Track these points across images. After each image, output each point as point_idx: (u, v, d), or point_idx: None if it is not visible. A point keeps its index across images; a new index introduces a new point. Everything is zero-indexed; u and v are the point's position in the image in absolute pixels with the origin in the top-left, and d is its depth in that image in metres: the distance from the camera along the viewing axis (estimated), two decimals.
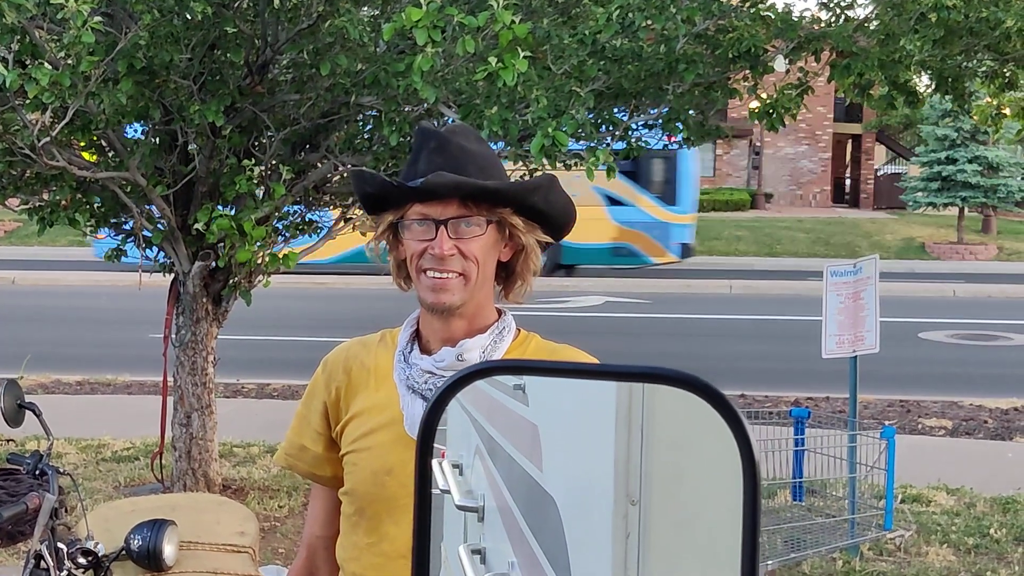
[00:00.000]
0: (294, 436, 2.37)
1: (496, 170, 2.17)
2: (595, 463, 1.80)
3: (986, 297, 22.54)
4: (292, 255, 6.51)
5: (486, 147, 2.23)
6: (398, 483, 2.13)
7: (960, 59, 7.37)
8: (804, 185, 40.74)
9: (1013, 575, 6.32)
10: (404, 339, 2.25)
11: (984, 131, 29.39)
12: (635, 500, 1.66)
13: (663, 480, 1.64)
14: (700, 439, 1.36)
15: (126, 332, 15.41)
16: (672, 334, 16.82)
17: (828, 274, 6.85)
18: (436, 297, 2.13)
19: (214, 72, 6.26)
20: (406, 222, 2.13)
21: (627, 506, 1.66)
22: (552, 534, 2.09)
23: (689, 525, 1.43)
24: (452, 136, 2.15)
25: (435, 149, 2.13)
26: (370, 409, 2.24)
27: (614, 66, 6.13)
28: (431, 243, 2.10)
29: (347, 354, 2.32)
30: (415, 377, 2.17)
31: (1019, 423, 10.51)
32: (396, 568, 2.15)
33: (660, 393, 1.58)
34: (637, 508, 1.66)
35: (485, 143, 2.26)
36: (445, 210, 2.09)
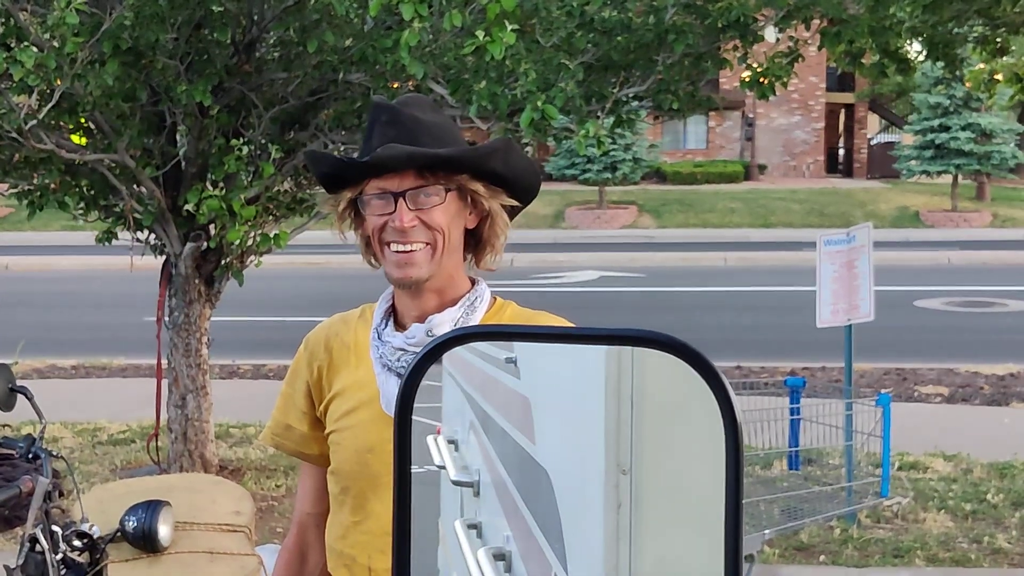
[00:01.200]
0: (280, 415, 2.36)
1: (452, 138, 2.14)
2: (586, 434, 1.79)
3: (981, 264, 22.55)
4: (283, 234, 6.48)
5: (442, 116, 2.21)
6: (380, 461, 2.12)
7: (951, 25, 7.34)
8: (797, 156, 40.67)
9: (1011, 539, 6.33)
10: (379, 316, 2.23)
11: (977, 98, 29.36)
12: (626, 470, 1.64)
13: (654, 449, 1.62)
14: (690, 406, 1.35)
15: (120, 315, 15.39)
16: (668, 307, 16.82)
17: (821, 243, 6.83)
18: (403, 272, 2.11)
19: (201, 52, 6.22)
20: (365, 198, 2.10)
21: (618, 476, 1.65)
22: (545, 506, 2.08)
23: (680, 493, 1.42)
24: (404, 107, 2.13)
25: (387, 122, 2.11)
26: (351, 387, 2.23)
27: (603, 38, 6.09)
28: (391, 216, 2.07)
29: (328, 332, 2.31)
30: (388, 355, 2.16)
31: (1015, 389, 10.52)
32: (382, 545, 2.14)
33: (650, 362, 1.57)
34: (628, 478, 1.65)
35: (441, 112, 2.24)
36: (402, 182, 2.07)
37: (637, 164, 31.77)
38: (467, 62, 5.50)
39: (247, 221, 6.22)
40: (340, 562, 2.24)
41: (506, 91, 5.44)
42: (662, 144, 38.08)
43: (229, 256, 6.76)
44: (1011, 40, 8.43)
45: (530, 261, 23.39)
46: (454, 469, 3.48)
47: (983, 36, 7.92)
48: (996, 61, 8.98)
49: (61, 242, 25.91)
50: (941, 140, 30.73)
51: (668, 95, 6.48)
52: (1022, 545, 6.26)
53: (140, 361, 11.70)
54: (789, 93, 36.78)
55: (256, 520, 6.31)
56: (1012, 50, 8.78)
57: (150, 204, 6.68)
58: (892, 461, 7.23)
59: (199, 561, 3.65)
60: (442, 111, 2.24)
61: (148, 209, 6.66)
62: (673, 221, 30.98)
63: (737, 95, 33.17)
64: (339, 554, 2.24)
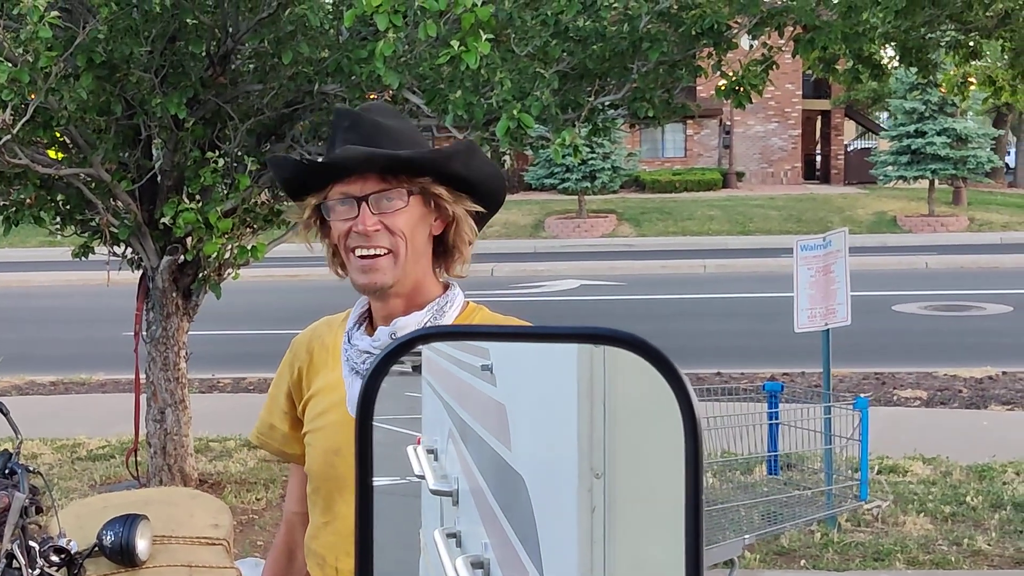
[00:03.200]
0: (265, 415, 2.39)
1: (414, 143, 2.15)
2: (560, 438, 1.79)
3: (958, 268, 22.67)
4: (260, 246, 6.47)
5: (405, 123, 2.21)
6: (346, 463, 2.12)
7: (924, 30, 7.39)
8: (775, 163, 40.82)
9: (990, 541, 6.36)
10: (353, 319, 2.24)
11: (952, 103, 29.52)
12: (599, 473, 1.65)
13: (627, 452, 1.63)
14: (662, 409, 1.35)
15: (99, 331, 15.32)
16: (648, 315, 16.85)
17: (798, 248, 6.86)
18: (367, 278, 2.10)
19: (175, 64, 6.21)
20: (328, 203, 2.10)
21: (592, 480, 1.65)
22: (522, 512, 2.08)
23: (654, 496, 1.42)
24: (366, 113, 2.14)
25: (348, 127, 2.11)
26: (324, 389, 2.24)
27: (578, 47, 6.11)
28: (354, 221, 2.07)
29: (312, 334, 2.34)
30: (354, 357, 2.17)
31: (993, 391, 10.57)
32: (348, 547, 2.15)
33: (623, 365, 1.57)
34: (602, 481, 1.65)
35: (405, 119, 2.24)
36: (365, 186, 2.07)
37: (616, 173, 31.84)
38: (442, 72, 5.50)
39: (224, 234, 6.20)
40: (314, 561, 2.26)
41: (482, 100, 5.44)
42: (640, 153, 38.19)
43: (206, 269, 6.74)
44: (983, 44, 8.49)
45: (510, 271, 23.39)
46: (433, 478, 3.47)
47: (955, 41, 7.98)
48: (969, 65, 9.03)
49: (38, 258, 25.78)
50: (917, 145, 30.88)
51: (643, 103, 6.50)
52: (1001, 547, 6.29)
53: (119, 376, 11.65)
54: (766, 100, 36.97)
55: (236, 533, 6.29)
56: (985, 54, 8.84)
57: (126, 218, 6.66)
58: (872, 465, 7.25)
59: (177, 575, 3.64)
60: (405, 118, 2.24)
61: (124, 223, 6.63)
62: (652, 229, 31.04)
63: (714, 103, 33.25)
64: (312, 553, 2.26)
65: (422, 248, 2.15)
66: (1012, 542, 6.35)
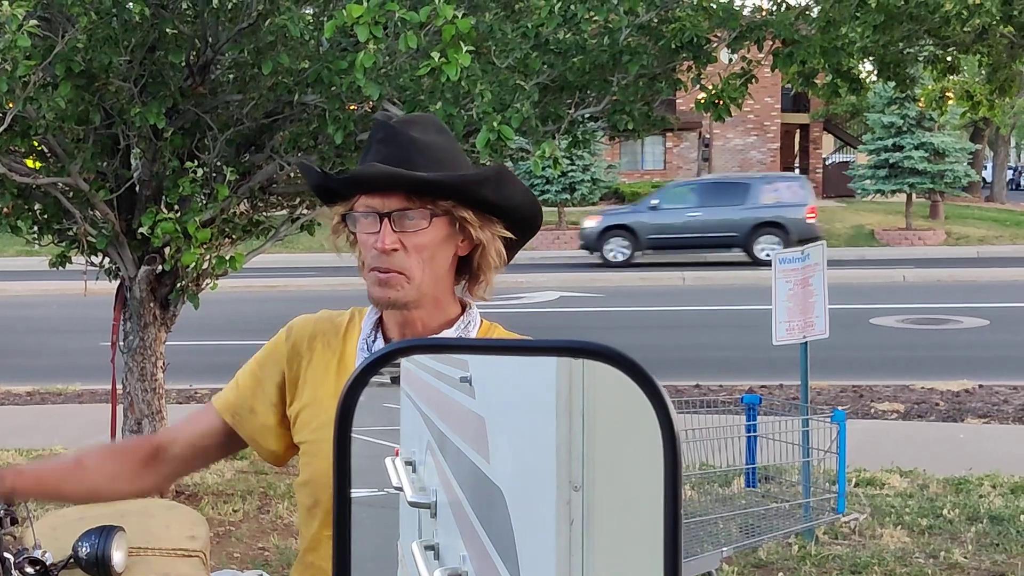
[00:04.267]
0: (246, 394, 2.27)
1: (452, 161, 2.10)
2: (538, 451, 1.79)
3: (935, 282, 22.77)
4: (239, 256, 6.45)
5: (445, 137, 2.15)
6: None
7: (902, 45, 7.44)
8: None
9: (967, 554, 6.38)
10: (368, 327, 2.20)
11: (930, 117, 29.72)
12: (578, 486, 1.65)
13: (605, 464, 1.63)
14: (640, 422, 1.35)
15: (76, 341, 15.24)
16: (627, 327, 16.87)
17: (777, 261, 6.88)
18: (382, 292, 2.09)
19: (154, 74, 6.19)
20: (355, 214, 2.09)
21: (570, 492, 1.65)
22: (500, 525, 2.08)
23: (632, 509, 1.42)
24: (403, 127, 2.09)
25: (382, 140, 2.08)
26: (331, 396, 2.20)
27: (558, 59, 6.13)
28: (376, 236, 2.06)
29: (315, 328, 2.26)
30: None
31: (970, 405, 10.62)
32: None
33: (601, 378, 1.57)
34: (580, 494, 1.65)
35: (446, 134, 2.18)
36: (388, 203, 2.04)
37: (595, 185, 31.92)
38: (423, 83, 5.50)
39: (202, 244, 6.18)
40: (309, 572, 2.23)
41: (462, 112, 5.45)
42: (620, 165, 38.29)
43: (184, 279, 6.72)
44: (961, 59, 8.55)
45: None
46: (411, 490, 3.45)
47: (933, 55, 8.03)
48: (947, 80, 9.10)
49: (15, 268, 25.64)
50: (895, 159, 31.07)
51: (623, 115, 6.52)
52: (978, 559, 6.31)
53: (96, 387, 11.58)
54: (745, 114, 37.09)
55: (213, 545, 6.26)
56: (962, 69, 8.90)
57: (104, 227, 6.63)
58: (849, 477, 7.27)
59: None
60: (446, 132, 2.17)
61: (102, 232, 6.60)
62: None
63: (694, 116, 33.35)
64: (309, 565, 2.22)
65: (442, 270, 2.12)
66: (988, 555, 6.37)
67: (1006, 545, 6.49)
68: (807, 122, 42.49)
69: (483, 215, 2.10)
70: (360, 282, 2.17)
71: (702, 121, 37.20)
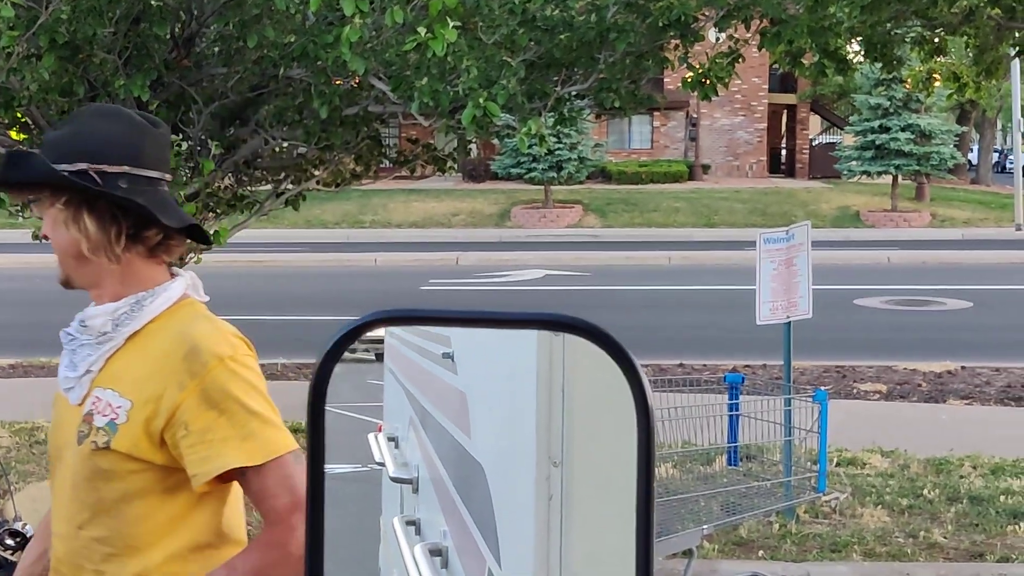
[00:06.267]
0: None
1: (68, 153, 2.17)
2: (519, 427, 1.79)
3: (920, 263, 22.85)
4: (223, 231, 6.42)
5: (77, 125, 2.23)
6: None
7: (889, 26, 7.43)
8: (741, 156, 40.98)
9: (946, 534, 6.42)
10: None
11: (916, 99, 29.74)
12: (557, 462, 1.65)
13: (585, 440, 1.63)
14: (619, 398, 1.35)
15: (60, 314, 15.06)
16: (612, 306, 16.88)
17: (761, 241, 6.89)
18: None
19: (139, 46, 6.15)
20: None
21: (549, 468, 1.65)
22: (480, 500, 2.08)
23: (610, 485, 1.43)
24: (62, 123, 2.29)
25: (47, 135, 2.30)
26: None
27: (545, 36, 6.11)
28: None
29: None
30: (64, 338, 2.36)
31: (952, 386, 10.67)
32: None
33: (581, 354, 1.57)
34: (559, 470, 1.65)
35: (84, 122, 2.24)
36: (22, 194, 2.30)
37: (582, 163, 31.88)
38: (409, 59, 5.48)
39: None
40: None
41: (448, 88, 5.43)
42: (607, 144, 38.22)
43: None
44: (948, 41, 8.55)
45: (476, 260, 23.37)
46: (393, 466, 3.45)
47: (921, 36, 8.03)
48: (934, 61, 9.10)
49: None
50: (881, 141, 31.10)
51: (609, 93, 6.51)
52: (957, 539, 6.35)
53: None
54: (732, 94, 37.06)
55: None
56: (949, 50, 8.89)
57: None
58: (831, 457, 7.30)
59: None
60: (89, 120, 2.23)
61: None
62: (618, 220, 31.11)
63: (681, 95, 33.32)
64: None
65: (74, 251, 2.23)
66: (968, 535, 6.41)
67: (985, 525, 6.53)
68: (794, 103, 42.49)
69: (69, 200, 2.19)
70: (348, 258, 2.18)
71: (689, 101, 37.16)
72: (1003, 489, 7.17)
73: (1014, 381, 10.86)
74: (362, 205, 32.18)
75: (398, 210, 32.37)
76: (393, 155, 8.08)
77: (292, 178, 7.45)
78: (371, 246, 25.86)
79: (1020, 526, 6.50)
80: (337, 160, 7.43)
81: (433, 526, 2.87)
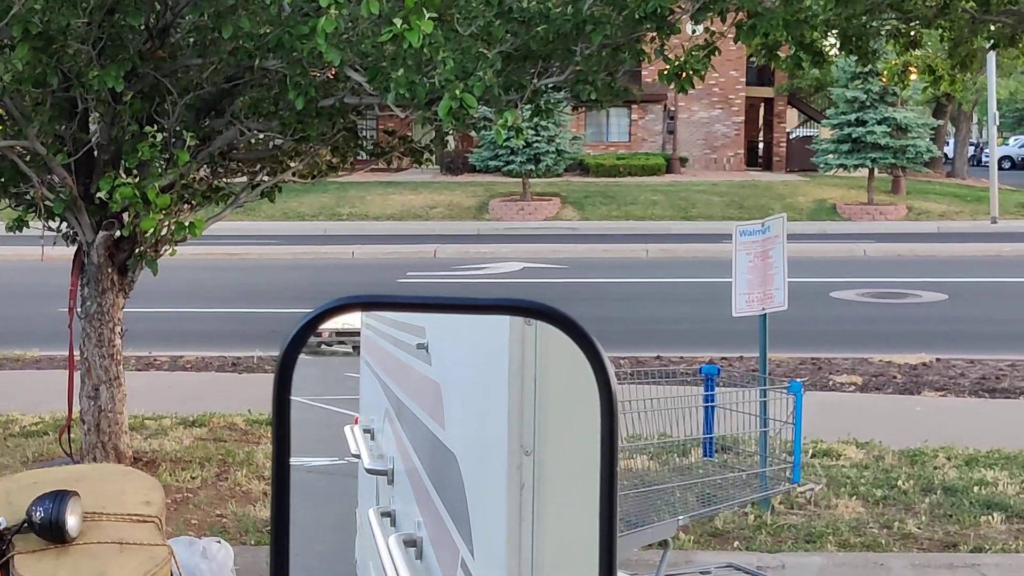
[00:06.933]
0: None
1: None
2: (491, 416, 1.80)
3: (896, 256, 22.96)
4: (199, 222, 6.40)
5: None
6: None
7: (864, 18, 7.45)
8: (718, 149, 41.09)
9: (920, 524, 6.46)
10: None
11: (893, 92, 29.85)
12: (529, 450, 1.65)
13: (556, 429, 1.63)
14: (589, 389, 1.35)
15: (34, 307, 15.10)
16: (590, 299, 16.90)
17: (737, 234, 6.91)
18: None
19: (113, 37, 6.11)
20: None
21: (521, 457, 1.65)
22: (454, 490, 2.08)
23: (581, 473, 1.43)
24: None
25: None
26: None
27: (522, 28, 6.09)
28: None
29: None
30: None
31: (927, 378, 10.73)
32: None
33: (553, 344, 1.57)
34: (531, 458, 1.65)
35: None
36: None
37: (560, 156, 31.89)
38: (385, 50, 5.46)
39: (161, 209, 6.13)
40: None
41: (424, 79, 5.41)
42: (585, 137, 38.26)
43: (143, 245, 6.66)
44: (923, 33, 8.58)
45: (453, 252, 23.36)
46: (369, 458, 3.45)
47: (896, 29, 8.05)
48: (909, 54, 9.13)
49: None
50: (858, 134, 31.22)
51: (586, 85, 6.50)
52: (931, 530, 6.39)
53: (54, 353, 11.50)
54: (710, 87, 37.15)
55: (171, 512, 6.24)
56: (925, 43, 8.92)
57: (62, 192, 6.55)
58: (806, 448, 7.34)
59: (108, 552, 3.60)
60: None
61: (60, 197, 6.53)
62: (596, 213, 31.14)
63: (659, 88, 33.37)
64: None
65: None
66: (941, 526, 6.45)
67: (959, 516, 6.57)
68: (771, 96, 42.61)
69: None
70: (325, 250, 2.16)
71: (667, 94, 37.21)
72: (976, 480, 7.21)
73: (988, 373, 10.93)
74: (339, 197, 32.11)
75: (376, 203, 32.31)
76: (370, 147, 8.06)
77: (268, 170, 7.42)
78: (348, 239, 25.81)
79: (993, 517, 6.55)
80: (313, 152, 7.41)
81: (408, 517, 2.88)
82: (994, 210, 29.68)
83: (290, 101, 5.91)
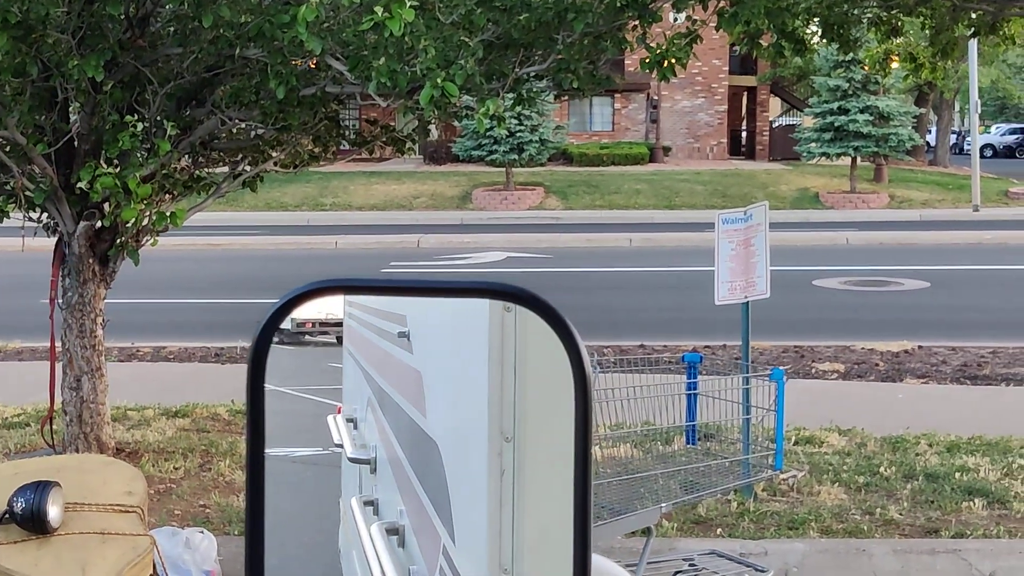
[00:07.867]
0: None
1: None
2: (472, 402, 1.80)
3: (878, 244, 23.04)
4: (180, 212, 6.37)
5: None
6: None
7: (846, 6, 7.47)
8: (701, 138, 41.12)
9: (902, 511, 6.49)
10: None
11: (875, 81, 29.93)
12: (509, 437, 1.65)
13: (536, 415, 1.63)
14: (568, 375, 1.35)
15: (15, 298, 15.03)
16: (574, 288, 16.91)
17: (720, 222, 6.91)
18: None
19: (93, 26, 6.07)
20: None
21: (501, 443, 1.66)
22: (436, 478, 2.08)
23: (561, 458, 1.43)
24: None
25: None
26: None
27: (503, 16, 6.08)
28: None
29: None
30: None
31: (909, 365, 10.77)
32: None
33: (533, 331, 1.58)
34: (511, 445, 1.65)
35: None
36: None
37: (544, 146, 31.89)
38: (366, 38, 5.44)
39: (142, 199, 6.10)
40: None
41: (406, 68, 5.40)
42: (569, 126, 38.25)
43: (124, 235, 6.64)
44: (905, 21, 8.60)
45: (437, 242, 23.34)
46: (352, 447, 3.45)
47: (877, 17, 8.07)
48: (891, 42, 9.15)
49: None
50: (840, 123, 31.29)
51: (568, 74, 6.50)
52: (913, 516, 6.42)
53: (36, 344, 11.44)
54: (693, 76, 37.17)
55: (154, 502, 6.22)
56: (906, 31, 8.94)
57: (42, 182, 6.52)
58: (788, 436, 7.36)
59: (90, 542, 3.59)
60: None
61: (40, 187, 6.50)
62: (579, 202, 31.15)
63: (642, 77, 33.39)
64: None
65: None
66: (923, 512, 6.48)
67: (940, 502, 6.60)
68: (754, 85, 42.66)
69: None
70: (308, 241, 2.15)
71: (650, 83, 37.23)
72: (958, 466, 7.25)
73: (970, 360, 10.99)
74: (322, 187, 32.04)
75: (359, 192, 32.25)
76: (352, 136, 8.04)
77: (250, 159, 7.40)
78: (331, 229, 25.77)
79: (975, 503, 6.58)
80: (295, 141, 7.39)
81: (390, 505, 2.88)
82: (976, 198, 29.79)
83: (271, 90, 5.90)
